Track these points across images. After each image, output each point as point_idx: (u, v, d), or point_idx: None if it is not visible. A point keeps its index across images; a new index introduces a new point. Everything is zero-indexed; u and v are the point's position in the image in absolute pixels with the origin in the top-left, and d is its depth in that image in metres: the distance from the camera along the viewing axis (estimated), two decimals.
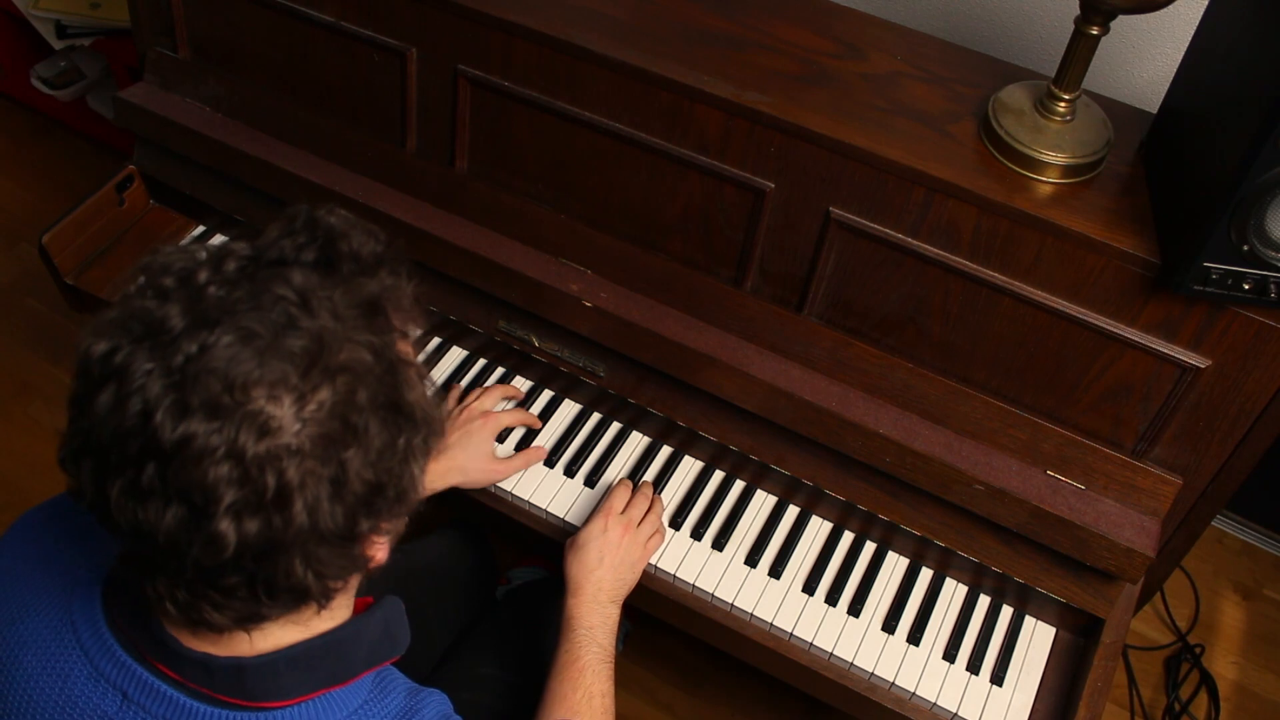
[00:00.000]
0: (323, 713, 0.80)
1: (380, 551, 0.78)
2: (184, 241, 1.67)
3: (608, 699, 1.14)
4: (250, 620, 0.76)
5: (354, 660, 0.83)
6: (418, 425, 0.74)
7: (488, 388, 1.46)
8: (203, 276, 0.70)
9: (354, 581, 0.82)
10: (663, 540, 1.35)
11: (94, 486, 0.70)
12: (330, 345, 0.68)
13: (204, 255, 0.72)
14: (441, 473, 1.33)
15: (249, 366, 0.66)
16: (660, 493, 1.41)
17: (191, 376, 0.65)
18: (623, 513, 1.32)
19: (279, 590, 0.72)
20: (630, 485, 1.38)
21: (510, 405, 1.48)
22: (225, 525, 0.67)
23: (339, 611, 0.83)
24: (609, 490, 1.37)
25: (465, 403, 1.42)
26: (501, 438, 1.45)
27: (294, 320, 0.68)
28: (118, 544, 0.76)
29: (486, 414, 1.40)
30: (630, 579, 1.28)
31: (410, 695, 0.86)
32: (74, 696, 0.80)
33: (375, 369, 0.71)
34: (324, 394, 0.68)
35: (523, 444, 1.45)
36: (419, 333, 0.79)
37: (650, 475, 1.43)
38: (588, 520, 1.31)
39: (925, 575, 1.38)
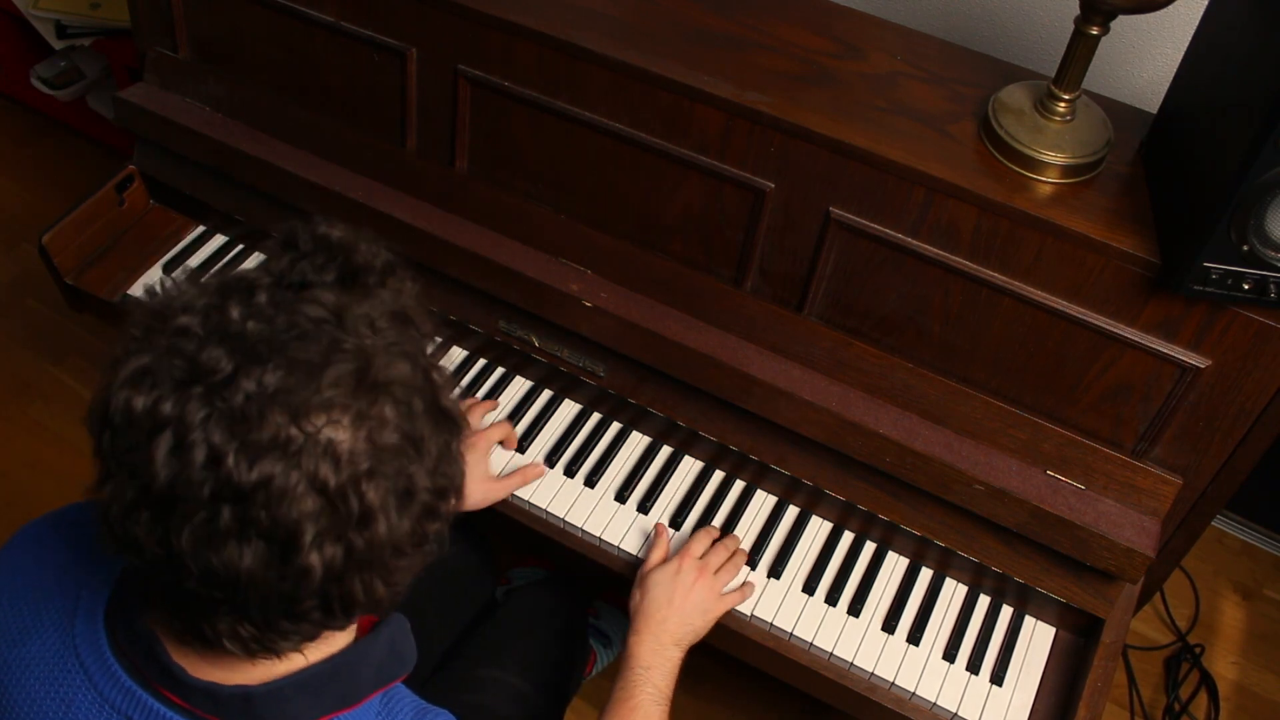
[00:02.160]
0: None
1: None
2: (184, 242, 1.67)
3: None
4: (311, 639, 0.77)
5: (362, 682, 0.82)
6: (458, 426, 0.76)
7: (473, 405, 1.44)
8: (236, 313, 0.69)
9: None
10: (744, 597, 1.32)
11: (156, 538, 0.68)
12: (375, 361, 0.69)
13: (223, 289, 0.71)
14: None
15: (307, 395, 0.66)
16: (660, 493, 1.41)
17: (256, 415, 0.65)
18: (701, 557, 1.30)
19: (355, 607, 0.73)
20: (714, 533, 1.35)
21: (493, 419, 1.47)
22: (313, 557, 0.67)
23: (345, 633, 0.82)
24: (692, 535, 1.34)
25: None
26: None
27: (338, 343, 0.68)
28: (144, 584, 0.76)
29: (476, 433, 1.39)
30: (699, 625, 1.25)
31: (418, 715, 0.86)
32: None
33: (417, 378, 0.72)
34: (383, 411, 0.69)
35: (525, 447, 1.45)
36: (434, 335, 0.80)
37: (650, 475, 1.43)
38: (665, 561, 1.29)
39: (925, 575, 1.38)
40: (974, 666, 1.31)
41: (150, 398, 0.66)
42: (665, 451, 1.46)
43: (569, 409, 1.50)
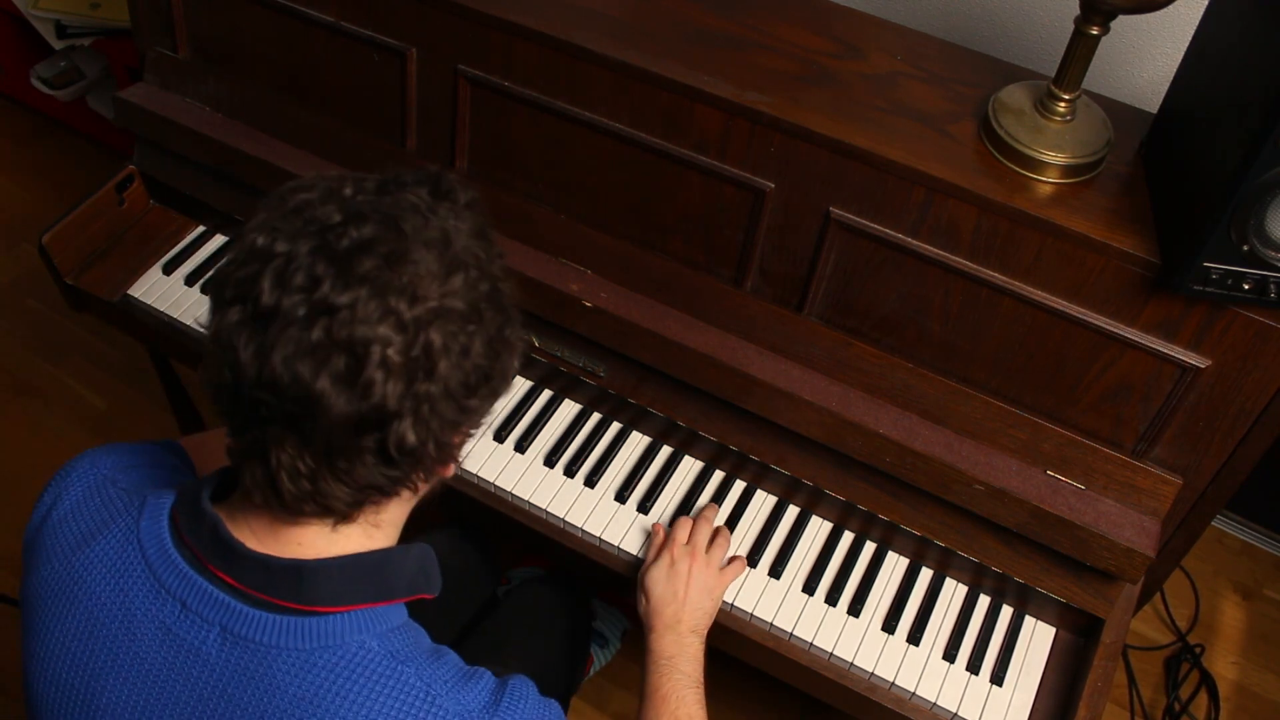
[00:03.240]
0: (369, 623, 0.85)
1: (451, 468, 0.88)
2: (184, 242, 1.67)
3: None
4: (363, 497, 0.83)
5: (397, 584, 0.88)
6: (514, 321, 0.86)
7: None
8: (348, 190, 0.81)
9: (407, 505, 0.90)
10: (743, 569, 1.33)
11: (254, 353, 0.76)
12: (455, 242, 0.80)
13: (335, 179, 0.83)
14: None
15: (400, 249, 0.77)
16: (660, 492, 1.41)
17: (354, 255, 0.76)
18: (687, 543, 1.31)
19: (405, 453, 0.79)
20: (689, 519, 1.35)
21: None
22: (378, 375, 0.75)
23: (387, 536, 0.90)
24: (673, 525, 1.35)
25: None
26: (502, 436, 1.45)
27: (428, 221, 0.80)
28: (241, 431, 0.81)
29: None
30: (710, 607, 1.27)
31: (462, 665, 0.90)
32: (134, 610, 0.86)
33: (488, 268, 0.83)
34: (457, 279, 0.79)
35: (525, 441, 1.45)
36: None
37: (650, 475, 1.44)
38: (653, 560, 1.29)
39: (925, 575, 1.38)
40: (974, 666, 1.31)
41: (269, 238, 0.77)
42: (665, 451, 1.46)
43: (569, 409, 1.50)
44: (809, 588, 1.35)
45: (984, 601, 1.37)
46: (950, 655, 1.31)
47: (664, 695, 1.16)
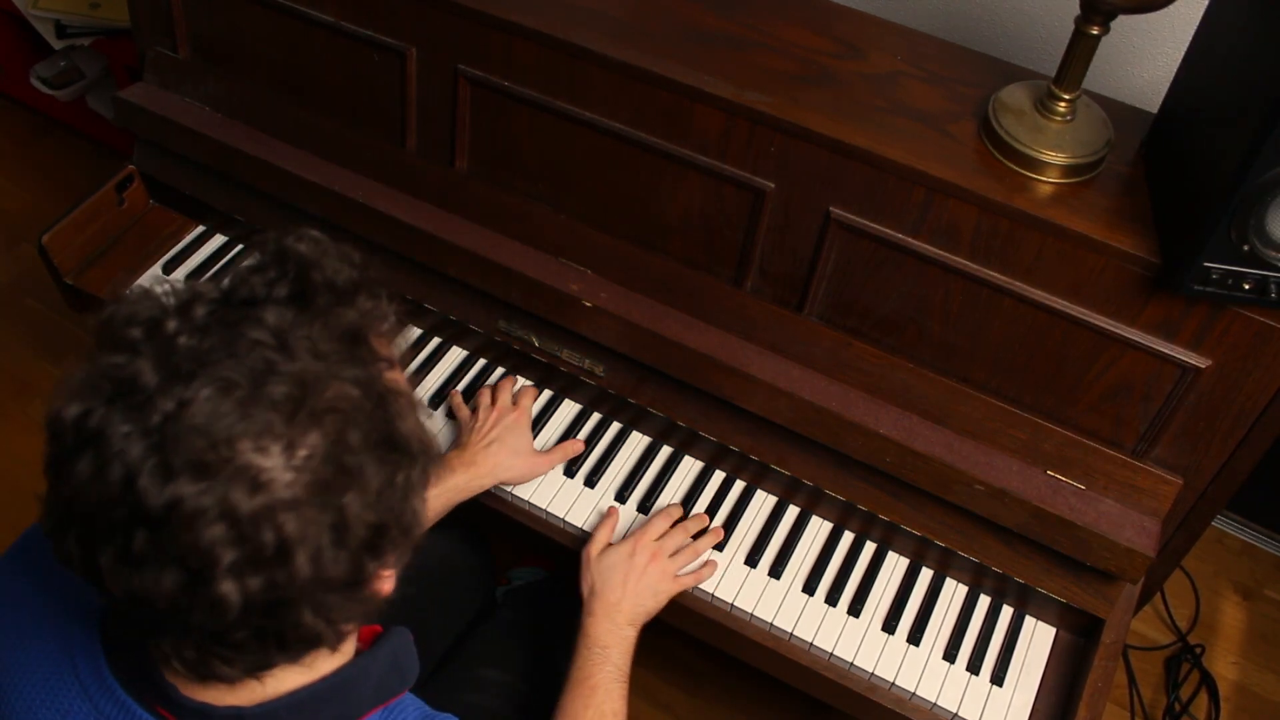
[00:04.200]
0: None
1: (387, 584, 0.75)
2: (184, 242, 1.67)
3: (619, 718, 1.13)
4: (262, 668, 0.74)
5: (360, 699, 0.80)
6: (415, 457, 0.72)
7: (501, 383, 1.46)
8: (171, 326, 0.67)
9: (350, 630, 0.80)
10: (701, 579, 1.33)
11: (82, 554, 0.67)
12: (314, 387, 0.66)
13: (171, 301, 0.69)
14: (489, 470, 1.33)
15: (231, 420, 0.63)
16: (660, 492, 1.41)
17: (172, 436, 0.62)
18: (657, 540, 1.31)
19: (290, 642, 0.70)
20: (676, 514, 1.36)
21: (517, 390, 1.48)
22: (228, 586, 0.64)
23: (345, 649, 0.80)
24: (653, 513, 1.36)
25: (482, 402, 1.42)
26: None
27: (273, 365, 0.65)
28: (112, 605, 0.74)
29: (517, 408, 1.41)
30: (651, 606, 1.26)
31: None
32: None
33: (364, 405, 0.68)
34: (314, 439, 0.65)
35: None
36: (403, 354, 0.77)
37: (650, 475, 1.43)
38: (620, 542, 1.30)
39: (925, 575, 1.38)
40: (974, 667, 1.31)
41: (80, 409, 0.65)
42: (665, 451, 1.46)
43: (569, 409, 1.49)
44: (809, 588, 1.35)
45: (984, 602, 1.37)
46: (950, 655, 1.31)
47: (594, 685, 1.14)
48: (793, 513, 1.42)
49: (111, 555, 0.65)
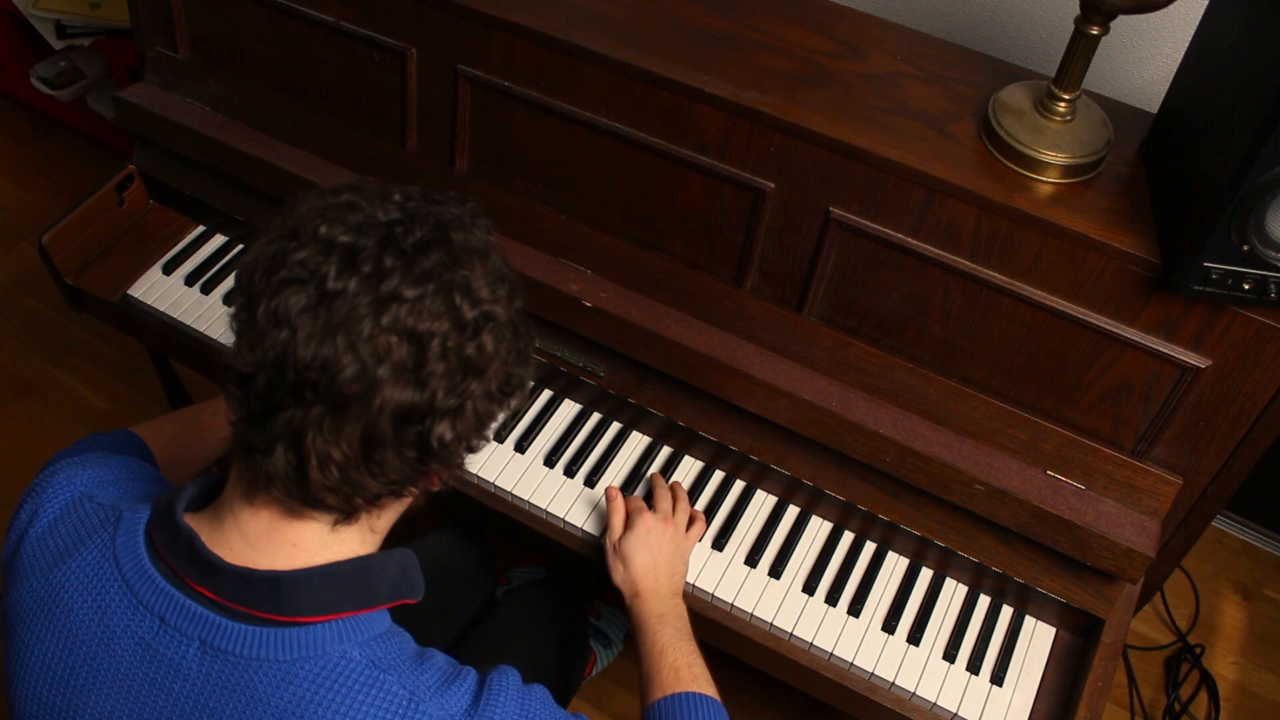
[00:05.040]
0: (351, 631, 0.84)
1: (436, 483, 0.89)
2: (184, 242, 1.67)
3: (695, 668, 1.15)
4: (386, 491, 0.83)
5: (378, 590, 0.87)
6: (533, 339, 0.90)
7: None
8: (398, 196, 0.84)
9: (401, 510, 0.91)
10: (705, 526, 1.37)
11: (316, 335, 0.76)
12: (493, 257, 0.85)
13: (383, 187, 0.85)
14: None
15: (455, 251, 0.80)
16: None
17: (419, 248, 0.79)
18: (655, 509, 1.32)
19: (441, 448, 0.81)
20: (662, 481, 1.39)
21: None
22: (439, 367, 0.78)
23: (376, 542, 0.90)
24: (629, 497, 1.36)
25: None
26: (502, 437, 1.45)
27: (471, 234, 0.83)
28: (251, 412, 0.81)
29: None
30: (682, 569, 1.30)
31: (450, 664, 0.89)
32: (112, 626, 0.85)
33: (518, 286, 0.88)
34: (501, 289, 0.83)
35: (527, 439, 1.45)
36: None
37: (638, 492, 1.43)
38: (628, 529, 1.30)
39: (925, 575, 1.38)
40: (974, 667, 1.31)
41: (331, 228, 0.78)
42: (665, 451, 1.46)
43: (569, 409, 1.50)
44: (809, 588, 1.35)
45: (984, 601, 1.37)
46: (950, 655, 1.31)
47: (661, 648, 1.16)
48: (793, 513, 1.42)
49: (352, 330, 0.76)
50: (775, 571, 1.36)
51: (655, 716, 1.10)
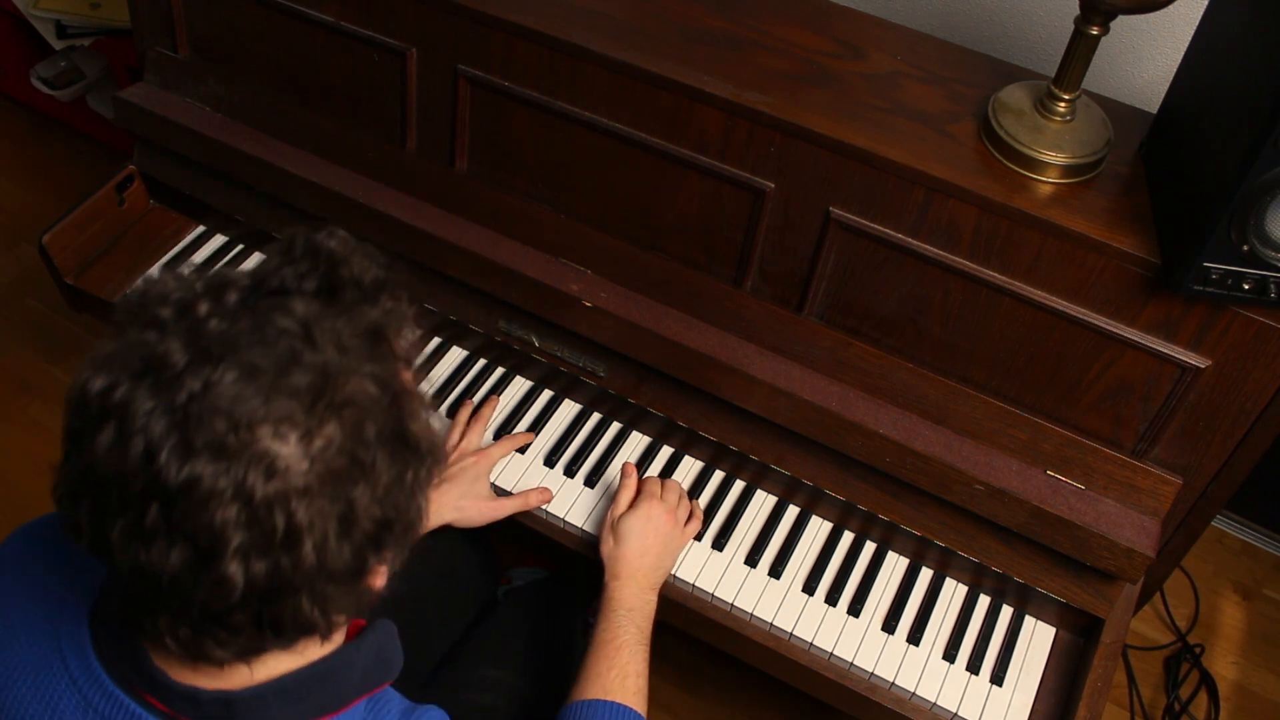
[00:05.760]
0: None
1: (380, 580, 0.77)
2: (184, 242, 1.67)
3: (642, 680, 1.15)
4: (253, 653, 0.75)
5: (346, 688, 0.81)
6: (423, 456, 0.74)
7: (475, 420, 1.44)
8: (203, 309, 0.68)
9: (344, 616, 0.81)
10: (700, 524, 1.37)
11: (93, 525, 0.68)
12: (335, 379, 0.67)
13: (201, 286, 0.70)
14: (435, 510, 1.30)
15: (254, 404, 0.65)
16: None
17: (196, 415, 0.64)
18: (661, 498, 1.32)
19: (285, 628, 0.71)
20: (659, 479, 1.38)
21: (492, 430, 1.46)
22: (233, 568, 0.65)
23: (334, 638, 0.81)
24: (645, 479, 1.36)
25: (450, 437, 1.41)
26: (501, 436, 1.45)
27: (298, 355, 0.67)
28: (112, 580, 0.75)
29: (479, 452, 1.39)
30: (669, 566, 1.31)
31: (405, 715, 0.85)
32: None
33: (381, 401, 0.70)
34: (331, 430, 0.67)
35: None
36: (419, 360, 0.78)
37: (650, 474, 1.43)
38: (630, 508, 1.30)
39: (925, 575, 1.38)
40: (974, 667, 1.31)
41: (106, 382, 0.66)
42: (665, 451, 1.46)
43: (569, 409, 1.50)
44: (809, 588, 1.35)
45: (984, 601, 1.37)
46: (950, 655, 1.31)
47: (619, 646, 1.16)
48: (793, 512, 1.42)
49: (123, 527, 0.66)
50: (775, 571, 1.36)
51: (590, 715, 1.10)
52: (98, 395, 0.66)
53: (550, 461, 1.44)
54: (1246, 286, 1.06)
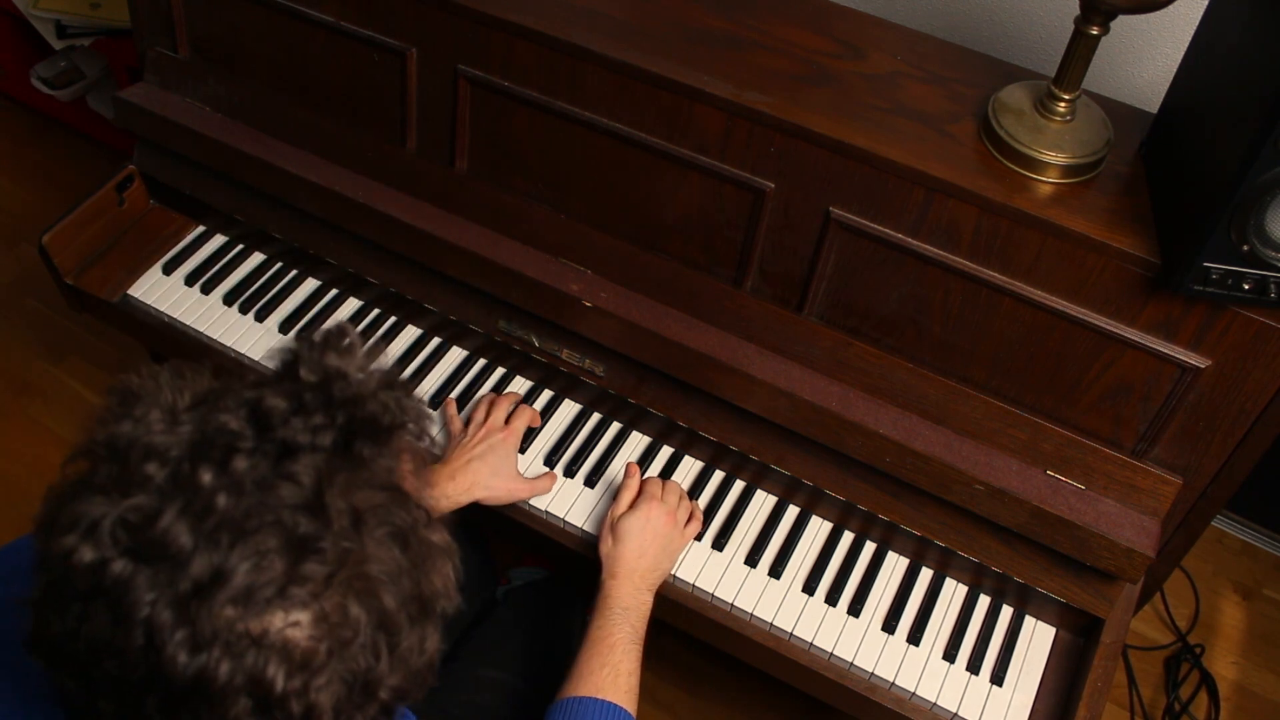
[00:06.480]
0: None
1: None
2: (184, 242, 1.67)
3: (633, 679, 1.15)
4: None
5: None
6: (438, 616, 0.71)
7: (498, 399, 1.44)
8: (207, 479, 0.62)
9: None
10: (699, 527, 1.37)
11: (78, 689, 0.64)
12: (350, 557, 0.64)
13: (194, 437, 0.64)
14: (466, 488, 1.32)
15: (269, 593, 0.61)
16: None
17: (206, 609, 0.60)
18: (661, 499, 1.33)
19: None
20: (660, 480, 1.38)
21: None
22: None
23: None
24: (646, 480, 1.36)
25: (475, 418, 1.41)
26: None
27: (312, 538, 0.62)
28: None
29: (506, 429, 1.39)
30: (666, 568, 1.31)
31: None
32: None
33: (402, 564, 0.67)
34: (352, 610, 0.63)
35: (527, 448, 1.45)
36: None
37: (650, 475, 1.43)
38: (630, 508, 1.31)
39: (925, 575, 1.38)
40: (974, 667, 1.31)
41: (95, 556, 0.60)
42: (665, 451, 1.46)
43: (569, 409, 1.49)
44: (809, 588, 1.35)
45: (984, 601, 1.37)
46: (950, 655, 1.31)
47: (612, 644, 1.16)
48: (793, 512, 1.42)
49: (115, 706, 0.63)
50: (775, 571, 1.36)
51: (581, 712, 1.10)
52: (88, 570, 0.60)
53: (550, 461, 1.44)
54: (1246, 286, 1.06)
